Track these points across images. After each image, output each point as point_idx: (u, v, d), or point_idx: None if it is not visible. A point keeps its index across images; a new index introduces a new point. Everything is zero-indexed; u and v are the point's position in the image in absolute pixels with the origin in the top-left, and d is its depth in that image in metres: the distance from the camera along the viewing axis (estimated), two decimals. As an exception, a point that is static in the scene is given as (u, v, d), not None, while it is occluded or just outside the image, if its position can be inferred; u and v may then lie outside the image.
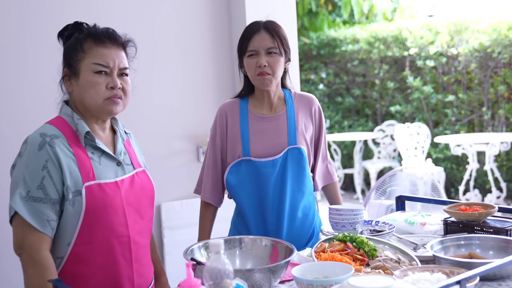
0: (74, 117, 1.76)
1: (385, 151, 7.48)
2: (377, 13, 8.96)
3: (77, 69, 1.76)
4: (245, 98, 2.34)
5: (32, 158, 1.66)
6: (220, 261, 1.39)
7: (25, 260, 1.65)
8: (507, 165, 6.69)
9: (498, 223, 2.04)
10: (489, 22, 6.66)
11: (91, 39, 1.77)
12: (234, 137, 2.29)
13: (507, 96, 6.75)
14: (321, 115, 2.40)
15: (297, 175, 2.27)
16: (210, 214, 2.39)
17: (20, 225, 1.65)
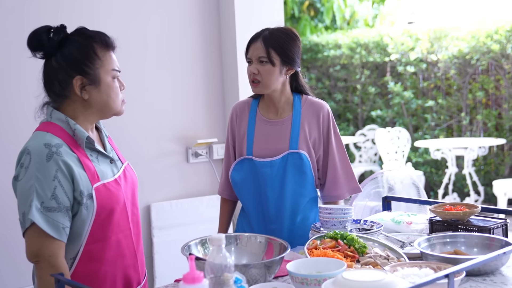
0: (70, 122, 1.77)
1: (366, 155, 7.60)
2: (359, 19, 9.10)
3: (98, 77, 1.78)
4: (257, 99, 2.44)
5: (41, 170, 1.67)
6: (221, 255, 1.45)
7: (44, 268, 1.67)
8: (484, 170, 6.84)
9: (482, 222, 2.12)
10: (468, 29, 6.82)
11: (101, 45, 1.79)
12: (241, 136, 2.40)
13: (484, 102, 6.92)
14: (330, 123, 2.40)
15: (298, 180, 2.34)
16: (227, 208, 2.53)
17: (36, 235, 1.67)
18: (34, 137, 1.74)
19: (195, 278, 1.39)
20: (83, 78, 1.77)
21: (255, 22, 3.39)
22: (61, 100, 1.80)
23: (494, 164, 6.82)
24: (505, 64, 6.55)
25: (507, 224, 2.11)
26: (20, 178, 1.70)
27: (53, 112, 1.79)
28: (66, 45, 1.77)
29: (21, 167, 1.70)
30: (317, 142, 2.37)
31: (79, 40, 1.78)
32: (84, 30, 1.81)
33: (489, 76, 6.78)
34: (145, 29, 3.30)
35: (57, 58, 1.77)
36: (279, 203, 2.34)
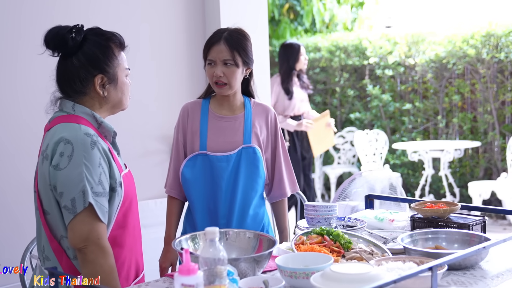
0: (96, 116, 1.89)
1: (345, 157, 7.69)
2: (338, 23, 9.20)
3: (116, 75, 1.91)
4: (207, 99, 2.49)
5: (88, 158, 1.77)
6: (215, 248, 1.50)
7: (94, 251, 1.76)
8: (460, 171, 6.98)
9: (461, 219, 2.20)
10: (445, 34, 6.96)
11: (116, 45, 1.92)
12: (193, 133, 2.43)
13: (460, 106, 7.06)
14: (277, 125, 2.52)
15: (250, 174, 2.41)
16: (175, 208, 2.50)
17: (86, 220, 1.76)
18: (67, 128, 1.82)
19: (190, 270, 1.44)
20: (103, 76, 1.88)
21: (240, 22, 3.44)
22: (79, 96, 1.90)
23: (469, 166, 6.96)
24: (480, 68, 6.69)
25: (485, 221, 2.20)
26: (63, 166, 1.78)
27: (76, 106, 1.89)
28: (86, 44, 1.87)
29: (61, 156, 1.78)
30: (265, 142, 2.47)
31: (99, 40, 1.89)
32: (101, 31, 1.92)
33: (464, 80, 6.92)
34: (131, 28, 3.33)
35: (78, 57, 1.87)
36: (231, 198, 2.39)
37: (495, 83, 6.67)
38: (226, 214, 2.40)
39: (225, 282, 1.49)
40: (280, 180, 2.52)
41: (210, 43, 2.38)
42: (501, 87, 6.65)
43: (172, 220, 2.49)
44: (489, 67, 6.63)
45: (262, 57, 3.60)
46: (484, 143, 6.78)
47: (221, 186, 2.38)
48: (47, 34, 1.86)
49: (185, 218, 2.53)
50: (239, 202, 2.40)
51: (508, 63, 6.50)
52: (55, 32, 1.86)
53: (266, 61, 3.63)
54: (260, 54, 3.58)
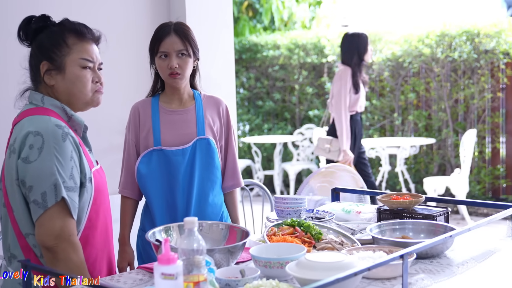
0: (66, 109, 1.84)
1: (304, 154, 7.78)
2: (296, 21, 9.29)
3: (63, 64, 1.84)
4: (156, 96, 2.49)
5: (59, 150, 1.71)
6: (194, 237, 1.51)
7: (66, 248, 1.70)
8: (415, 168, 7.16)
9: (426, 211, 2.27)
10: (401, 34, 7.12)
11: (74, 34, 1.85)
12: (147, 130, 2.42)
13: (415, 103, 7.23)
14: (229, 116, 2.55)
15: (206, 165, 2.42)
16: (129, 207, 2.49)
17: (57, 215, 1.70)
18: (36, 121, 1.75)
19: (170, 259, 1.44)
20: (48, 63, 1.82)
21: (206, 18, 3.46)
22: (35, 84, 1.86)
23: (424, 163, 7.14)
24: (435, 67, 6.88)
25: (449, 212, 2.27)
26: (32, 159, 1.71)
27: (45, 98, 1.83)
28: (42, 34, 1.84)
29: (31, 148, 1.71)
30: (219, 132, 2.49)
31: (53, 28, 1.84)
32: (63, 20, 1.87)
33: (420, 79, 7.09)
34: (95, 25, 3.29)
35: (33, 45, 1.85)
36: (188, 191, 2.40)
37: (449, 82, 6.86)
38: (184, 207, 2.41)
39: (204, 272, 1.50)
40: (233, 170, 2.55)
41: (160, 36, 2.38)
42: (454, 86, 6.85)
43: (126, 220, 2.47)
44: (443, 66, 6.82)
45: (227, 53, 3.61)
46: (439, 140, 6.97)
47: (178, 179, 2.38)
48: (20, 24, 1.84)
49: (143, 214, 2.51)
50: (196, 195, 2.41)
51: (461, 62, 6.70)
52: (23, 22, 1.85)
53: (231, 56, 3.65)
54: (226, 50, 3.59)
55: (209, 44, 3.53)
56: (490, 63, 6.59)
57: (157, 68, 2.42)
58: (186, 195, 2.40)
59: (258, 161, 7.82)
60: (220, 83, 3.58)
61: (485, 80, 6.61)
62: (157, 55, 2.39)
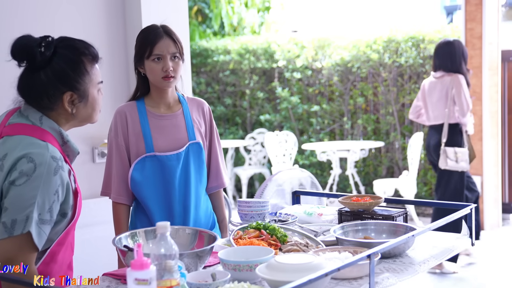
0: (63, 134, 1.80)
1: (256, 158, 7.82)
2: (246, 26, 9.34)
3: (86, 92, 1.80)
4: (140, 100, 2.46)
5: (47, 184, 1.67)
6: (166, 242, 1.51)
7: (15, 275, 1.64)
8: (364, 170, 7.31)
9: (385, 212, 2.34)
10: (350, 39, 7.27)
11: (90, 59, 1.81)
12: (136, 135, 2.40)
13: (364, 108, 7.40)
14: (212, 117, 2.58)
15: (198, 168, 2.45)
16: (123, 214, 2.46)
17: (18, 245, 1.65)
18: (33, 146, 1.70)
19: (143, 264, 1.44)
20: (73, 94, 1.77)
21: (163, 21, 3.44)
22: (45, 111, 1.78)
23: (373, 165, 7.30)
24: (382, 72, 7.05)
25: (407, 213, 2.34)
26: (18, 183, 1.66)
27: (44, 119, 1.77)
28: (55, 59, 1.75)
29: (21, 173, 1.66)
30: (204, 134, 2.51)
31: (69, 55, 1.78)
32: (72, 43, 1.80)
33: (368, 83, 7.26)
34: (51, 29, 3.23)
35: (46, 72, 1.75)
36: (184, 195, 2.41)
37: (395, 86, 7.05)
38: (182, 212, 2.41)
39: (177, 276, 1.50)
40: (217, 171, 2.56)
41: (153, 39, 2.36)
42: (401, 90, 7.04)
43: (123, 227, 2.44)
44: (390, 71, 7.00)
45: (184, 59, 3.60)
46: (387, 143, 7.14)
47: (174, 185, 2.38)
48: (14, 45, 1.73)
49: (134, 219, 2.47)
50: (193, 199, 2.42)
51: (407, 68, 6.89)
52: (23, 44, 1.74)
53: (188, 62, 3.64)
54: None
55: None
56: (435, 68, 6.80)
57: (147, 71, 2.38)
58: (183, 200, 2.41)
59: (210, 166, 7.81)
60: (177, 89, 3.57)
61: (431, 85, 6.81)
62: (149, 58, 2.36)
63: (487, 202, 6.17)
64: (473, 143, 6.23)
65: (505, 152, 6.50)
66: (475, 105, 6.20)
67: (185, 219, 2.41)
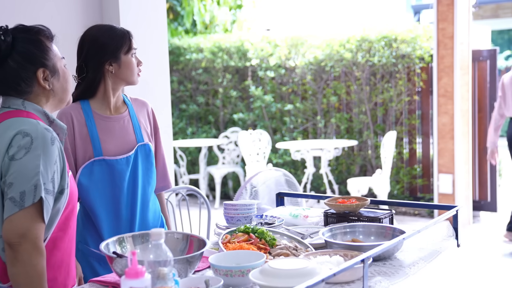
0: (48, 114, 1.83)
1: (229, 157, 7.79)
2: (218, 24, 9.29)
3: (55, 66, 1.85)
4: (85, 101, 2.37)
5: (46, 153, 1.70)
6: (161, 249, 1.48)
7: (28, 250, 1.66)
8: (338, 169, 7.35)
9: (371, 213, 2.34)
10: (323, 38, 7.29)
11: (48, 37, 1.86)
12: (83, 138, 2.32)
13: (337, 106, 7.43)
14: (155, 117, 2.55)
15: (147, 170, 2.40)
16: None
17: (29, 216, 1.67)
18: (24, 122, 1.74)
19: (138, 273, 1.40)
20: (45, 70, 1.82)
21: (140, 20, 3.40)
22: (25, 96, 1.82)
23: (346, 164, 7.34)
24: (355, 71, 7.09)
25: (393, 214, 2.35)
26: (19, 157, 1.68)
27: (26, 103, 1.81)
28: (17, 43, 1.80)
29: (19, 147, 1.69)
30: (150, 134, 2.49)
31: (29, 36, 1.82)
32: (26, 27, 1.85)
33: (341, 82, 7.29)
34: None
35: (14, 57, 1.79)
36: (132, 199, 2.36)
37: (368, 85, 7.10)
38: (129, 216, 2.36)
39: (171, 284, 1.47)
40: (164, 172, 2.55)
41: (126, 34, 2.35)
42: (374, 89, 7.09)
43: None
44: (363, 70, 7.04)
45: (162, 55, 3.55)
46: (360, 142, 7.19)
47: (123, 189, 2.32)
48: None
49: (81, 227, 2.38)
50: (140, 202, 2.37)
51: (380, 67, 6.94)
52: None
53: (166, 61, 3.59)
54: (160, 53, 3.53)
55: (143, 48, 3.46)
56: (407, 67, 6.88)
57: (123, 66, 2.31)
58: (130, 203, 2.35)
59: (183, 165, 7.75)
60: (155, 88, 3.52)
61: (403, 84, 6.89)
62: (128, 53, 2.33)
63: (458, 200, 6.27)
64: (445, 142, 6.33)
65: (476, 151, 6.61)
66: (447, 104, 6.29)
67: (132, 223, 2.36)
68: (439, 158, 6.39)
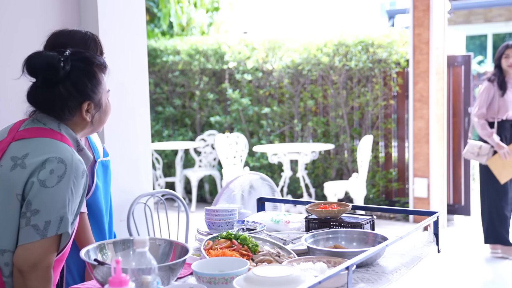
0: (79, 142, 1.84)
1: (206, 160, 7.75)
2: (195, 26, 9.25)
3: (101, 100, 1.87)
4: None
5: (76, 185, 1.71)
6: (145, 257, 1.45)
7: (39, 279, 1.67)
8: (315, 173, 7.36)
9: (353, 219, 2.34)
10: (301, 42, 7.31)
11: (101, 69, 1.88)
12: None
13: (314, 110, 7.45)
14: None
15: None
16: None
17: (47, 246, 1.67)
18: (59, 147, 1.73)
19: (122, 281, 1.38)
20: (90, 103, 1.83)
21: (119, 21, 3.36)
22: (64, 121, 1.83)
23: (322, 168, 7.36)
24: (332, 75, 7.12)
25: (374, 220, 2.35)
26: (50, 185, 1.67)
27: (62, 126, 1.81)
28: (73, 72, 1.80)
29: (51, 173, 1.68)
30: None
31: (84, 66, 1.83)
32: (84, 55, 1.85)
33: (318, 86, 7.31)
34: (4, 31, 3.09)
35: (66, 85, 1.79)
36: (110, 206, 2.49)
37: (345, 90, 7.13)
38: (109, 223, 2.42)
39: (156, 293, 1.45)
40: None
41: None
42: (350, 93, 7.13)
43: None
44: (340, 74, 7.08)
45: (140, 57, 3.51)
46: (337, 145, 7.22)
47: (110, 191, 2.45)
48: (35, 62, 1.77)
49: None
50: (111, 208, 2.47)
51: (356, 71, 6.99)
52: (45, 61, 1.77)
53: (145, 64, 3.55)
54: (138, 56, 3.49)
55: (121, 49, 3.42)
56: (383, 72, 6.93)
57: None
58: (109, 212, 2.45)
59: (159, 168, 7.69)
60: (133, 91, 3.47)
61: (379, 88, 6.94)
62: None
63: (433, 203, 6.33)
64: (420, 146, 6.39)
65: (450, 155, 6.68)
66: (422, 109, 6.36)
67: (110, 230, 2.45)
68: (414, 162, 6.45)
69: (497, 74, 5.11)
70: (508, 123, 5.13)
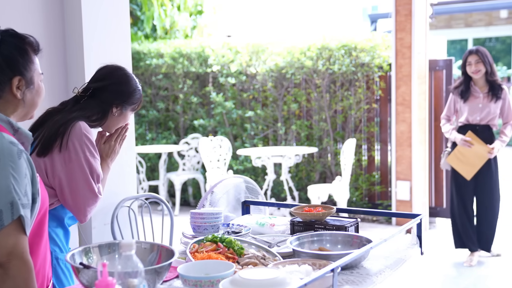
0: (12, 123, 1.78)
1: (190, 163, 7.74)
2: (179, 30, 9.24)
3: (33, 79, 1.83)
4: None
5: (15, 168, 1.66)
6: (132, 261, 1.45)
7: (17, 265, 1.64)
8: (298, 176, 7.39)
9: (337, 222, 2.36)
10: (284, 46, 7.34)
11: (34, 49, 1.84)
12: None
13: (297, 114, 7.48)
14: None
15: None
16: None
17: (12, 233, 1.64)
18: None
19: (108, 285, 1.38)
20: (21, 78, 1.79)
21: (103, 23, 3.36)
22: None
23: (306, 171, 7.39)
24: (316, 79, 7.16)
25: (358, 223, 2.37)
26: None
27: None
28: (3, 45, 1.77)
29: None
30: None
31: (16, 42, 1.80)
32: (17, 33, 1.83)
33: (301, 90, 7.34)
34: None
35: None
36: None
37: (328, 93, 7.17)
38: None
39: (142, 296, 1.45)
40: None
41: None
42: (334, 97, 7.17)
43: None
44: (323, 77, 7.11)
45: (124, 60, 3.50)
46: (320, 149, 7.25)
47: None
48: None
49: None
50: None
51: (340, 75, 7.03)
52: None
53: (129, 64, 3.54)
54: (122, 57, 3.48)
55: (104, 52, 3.42)
56: (366, 76, 6.98)
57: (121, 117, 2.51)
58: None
59: (142, 171, 7.67)
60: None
61: (362, 92, 6.98)
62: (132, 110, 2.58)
63: (415, 206, 6.39)
64: (403, 150, 6.45)
65: (432, 158, 6.75)
66: (405, 113, 6.41)
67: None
68: (397, 165, 6.50)
69: (463, 82, 5.22)
70: (471, 126, 5.20)
